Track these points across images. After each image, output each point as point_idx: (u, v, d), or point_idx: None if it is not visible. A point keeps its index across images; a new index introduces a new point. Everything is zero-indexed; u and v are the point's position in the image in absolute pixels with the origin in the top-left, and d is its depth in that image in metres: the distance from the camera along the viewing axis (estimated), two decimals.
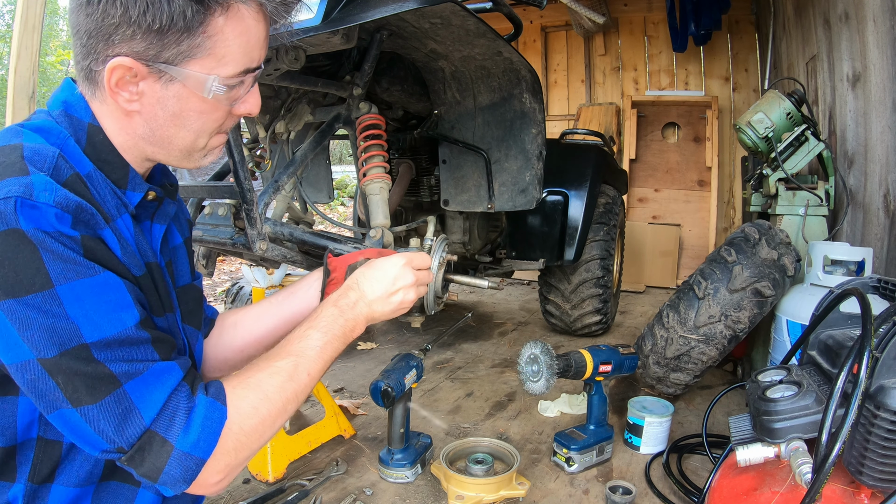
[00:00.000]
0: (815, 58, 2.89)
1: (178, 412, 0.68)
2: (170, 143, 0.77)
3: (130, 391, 0.65)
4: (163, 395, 0.68)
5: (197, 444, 0.68)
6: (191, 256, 0.99)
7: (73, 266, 0.62)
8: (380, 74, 1.80)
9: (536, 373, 1.48)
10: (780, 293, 1.79)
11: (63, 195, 0.63)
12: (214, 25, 0.69)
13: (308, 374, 0.82)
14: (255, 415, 0.74)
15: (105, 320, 0.64)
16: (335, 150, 12.09)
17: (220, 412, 0.71)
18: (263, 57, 0.78)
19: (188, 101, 0.73)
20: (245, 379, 0.77)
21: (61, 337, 0.62)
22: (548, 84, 5.41)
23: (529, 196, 2.02)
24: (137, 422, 0.66)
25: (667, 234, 4.58)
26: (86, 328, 0.63)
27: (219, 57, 0.71)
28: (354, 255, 1.10)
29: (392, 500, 1.46)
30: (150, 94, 0.71)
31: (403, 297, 0.96)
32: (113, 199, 0.74)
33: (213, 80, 0.71)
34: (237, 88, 0.76)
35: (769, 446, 0.97)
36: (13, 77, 2.55)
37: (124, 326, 0.66)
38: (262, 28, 0.74)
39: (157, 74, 0.70)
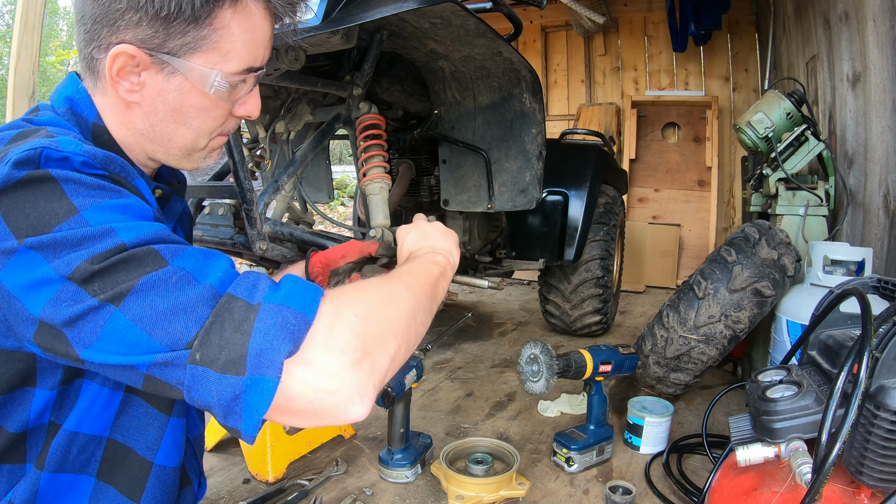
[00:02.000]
0: (815, 58, 2.89)
1: (261, 280, 0.57)
2: (169, 140, 0.75)
3: (182, 263, 0.55)
4: (222, 263, 0.58)
5: (290, 295, 0.55)
6: None
7: (97, 191, 0.58)
8: (380, 74, 1.80)
9: (536, 373, 1.48)
10: (780, 293, 1.79)
11: (90, 147, 0.62)
12: (222, 18, 0.68)
13: (407, 286, 0.71)
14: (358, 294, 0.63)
15: (140, 223, 0.58)
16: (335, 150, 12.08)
17: (315, 288, 0.59)
18: (267, 58, 0.76)
19: (189, 96, 0.72)
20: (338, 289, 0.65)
21: (94, 246, 0.53)
22: (548, 84, 5.41)
23: (529, 196, 2.02)
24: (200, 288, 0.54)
25: (667, 234, 4.58)
26: (120, 230, 0.55)
27: (223, 52, 0.70)
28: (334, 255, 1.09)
29: (392, 500, 1.46)
30: (151, 86, 0.70)
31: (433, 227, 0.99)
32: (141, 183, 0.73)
33: (215, 74, 0.70)
34: (239, 87, 0.75)
35: (769, 446, 0.97)
36: (13, 77, 2.55)
37: (161, 228, 0.59)
38: (268, 27, 0.73)
39: (160, 65, 0.68)
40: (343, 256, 1.10)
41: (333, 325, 0.55)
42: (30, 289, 0.54)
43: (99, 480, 0.73)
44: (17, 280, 0.54)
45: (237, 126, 0.82)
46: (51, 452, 0.68)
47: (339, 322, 0.56)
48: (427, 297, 0.75)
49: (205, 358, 0.52)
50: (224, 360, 0.51)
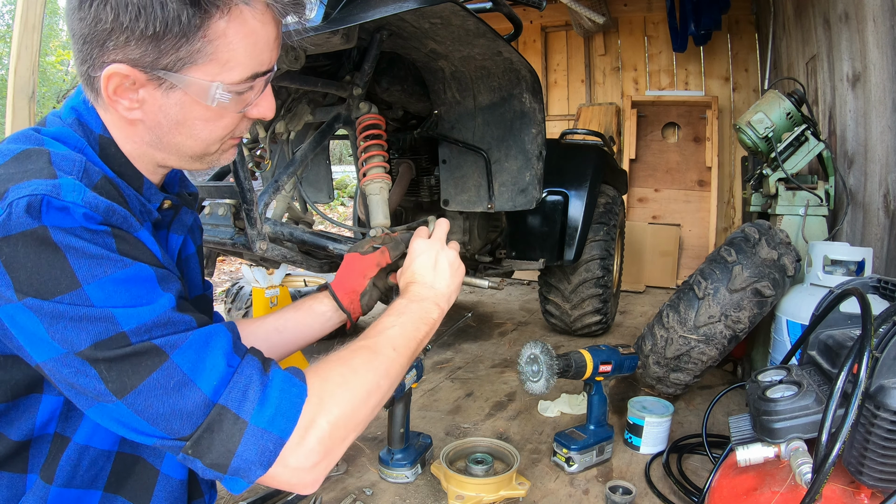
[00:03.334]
0: (815, 58, 2.89)
1: (252, 385, 0.62)
2: (178, 149, 0.73)
3: (179, 360, 0.59)
4: (219, 359, 0.61)
5: (274, 419, 0.61)
6: (202, 265, 0.97)
7: (99, 262, 0.58)
8: (380, 74, 1.80)
9: (536, 373, 1.48)
10: (780, 293, 1.79)
11: (92, 196, 0.60)
12: (215, 29, 0.64)
13: (393, 348, 0.79)
14: (343, 385, 0.69)
15: (140, 307, 0.59)
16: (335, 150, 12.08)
17: (300, 387, 0.65)
18: (275, 59, 0.73)
19: (192, 110, 0.69)
20: (324, 360, 0.73)
21: (95, 328, 0.57)
22: (548, 84, 5.41)
23: (529, 196, 2.02)
24: (195, 394, 0.59)
25: (667, 234, 4.58)
26: (121, 317, 0.58)
27: (222, 62, 0.66)
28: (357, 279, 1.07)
29: (392, 500, 1.46)
30: (151, 102, 0.68)
31: (446, 259, 0.98)
32: (137, 205, 0.72)
33: (216, 87, 0.67)
34: (247, 94, 0.71)
35: (769, 446, 0.97)
36: (13, 77, 2.55)
37: (161, 310, 0.60)
38: (271, 29, 0.69)
39: (157, 81, 0.66)
40: (365, 276, 1.09)
41: (306, 435, 0.63)
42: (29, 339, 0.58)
43: (107, 493, 0.73)
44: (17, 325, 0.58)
45: (248, 127, 0.81)
46: (60, 466, 0.68)
47: (311, 433, 0.64)
48: (408, 358, 0.82)
49: (196, 453, 0.60)
50: (210, 461, 0.60)
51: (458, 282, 0.99)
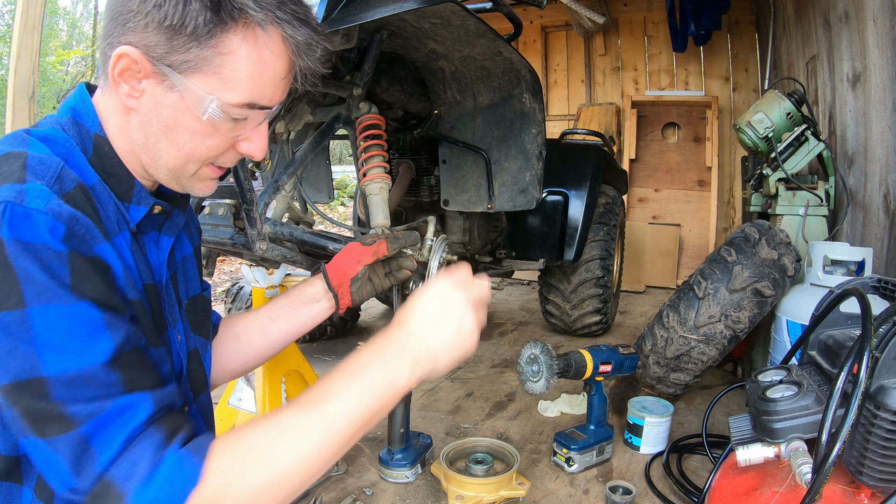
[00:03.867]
0: (815, 58, 2.89)
1: (142, 461, 0.59)
2: (158, 156, 0.72)
3: (87, 433, 0.58)
4: (123, 435, 0.59)
5: (156, 501, 0.58)
6: (200, 266, 0.97)
7: (49, 289, 0.57)
8: (380, 74, 1.80)
9: (536, 373, 1.48)
10: (780, 293, 1.79)
11: (57, 203, 0.59)
12: (228, 43, 0.65)
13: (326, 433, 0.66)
14: (252, 472, 0.62)
15: (70, 353, 0.58)
16: (335, 150, 12.08)
17: (193, 470, 0.60)
18: (279, 98, 0.72)
19: (183, 116, 0.69)
20: (247, 429, 0.65)
21: (19, 365, 0.57)
22: (548, 84, 5.41)
23: (529, 196, 2.02)
24: (92, 463, 0.58)
25: (667, 234, 4.58)
26: (46, 359, 0.57)
27: (225, 79, 0.67)
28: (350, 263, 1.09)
29: (392, 500, 1.46)
30: (149, 95, 0.69)
31: (460, 324, 0.75)
32: (115, 214, 0.71)
33: (210, 100, 0.67)
34: (240, 123, 0.71)
35: (769, 446, 0.97)
36: (13, 77, 2.55)
37: (90, 364, 0.59)
38: (282, 65, 0.69)
39: (160, 76, 0.67)
40: (359, 261, 1.09)
41: None
42: None
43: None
44: None
45: (237, 161, 0.78)
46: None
47: None
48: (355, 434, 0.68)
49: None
50: None
51: (458, 353, 0.75)
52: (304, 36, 0.69)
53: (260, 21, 0.66)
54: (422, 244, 1.45)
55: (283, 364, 1.71)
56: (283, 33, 0.68)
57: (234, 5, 0.64)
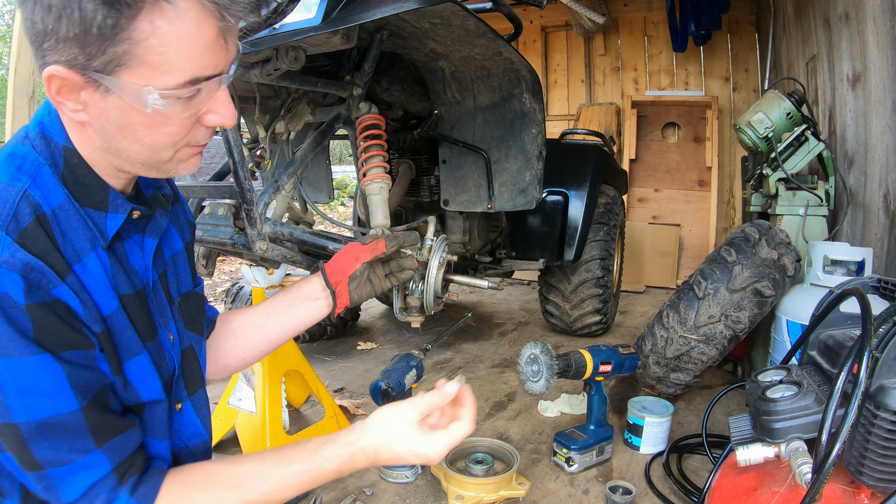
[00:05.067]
0: (815, 58, 2.89)
1: (97, 501, 0.69)
2: (126, 156, 0.71)
3: (53, 476, 0.67)
4: (83, 486, 0.68)
5: None
6: (192, 261, 0.96)
7: (12, 341, 0.61)
8: (380, 74, 1.80)
9: (536, 373, 1.48)
10: (780, 293, 1.79)
11: (10, 254, 0.61)
12: (139, 30, 0.60)
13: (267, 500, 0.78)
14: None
15: (37, 404, 0.63)
16: (335, 150, 12.08)
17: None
18: (224, 62, 0.68)
19: (131, 115, 0.66)
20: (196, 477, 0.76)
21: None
22: (548, 84, 5.41)
23: (529, 196, 2.02)
24: (57, 497, 0.68)
25: (667, 234, 4.58)
26: (15, 409, 0.63)
27: (154, 66, 0.62)
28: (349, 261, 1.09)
29: (392, 500, 1.46)
30: (93, 105, 0.66)
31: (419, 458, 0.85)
32: (86, 232, 0.71)
33: (149, 91, 0.63)
34: (194, 100, 0.67)
35: (769, 446, 0.97)
36: (13, 77, 2.55)
37: (58, 412, 0.65)
38: (209, 29, 0.63)
39: (94, 84, 0.63)
40: (357, 259, 1.09)
41: None
42: None
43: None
44: None
45: (210, 135, 0.75)
46: None
47: None
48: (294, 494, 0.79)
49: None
50: None
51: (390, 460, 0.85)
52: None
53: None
54: (422, 244, 1.45)
55: (283, 364, 1.71)
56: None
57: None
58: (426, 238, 1.46)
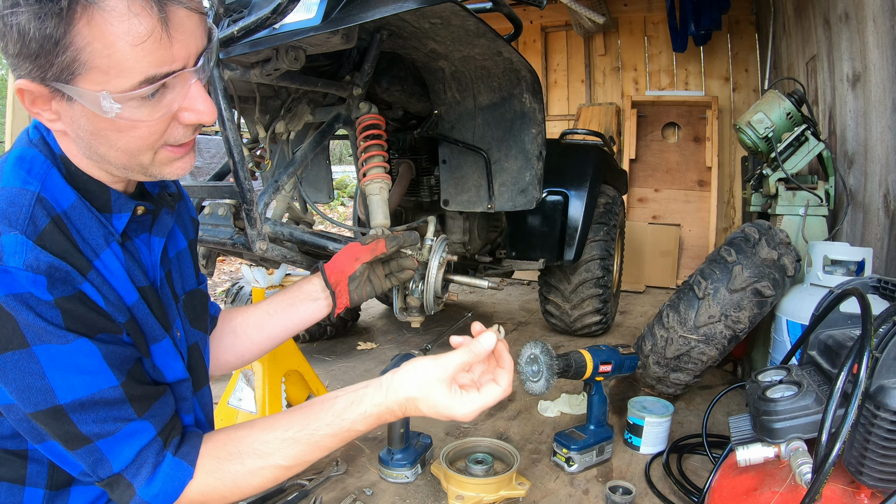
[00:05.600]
0: (815, 58, 2.89)
1: (146, 465, 0.72)
2: (107, 161, 0.70)
3: (102, 447, 0.69)
4: (132, 452, 0.71)
5: (157, 496, 0.72)
6: (195, 259, 0.97)
7: (45, 334, 0.63)
8: (380, 74, 1.80)
9: (536, 373, 1.48)
10: (780, 293, 1.79)
11: (34, 257, 0.62)
12: (80, 35, 0.59)
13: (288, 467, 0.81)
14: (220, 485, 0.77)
15: (79, 382, 0.66)
16: (335, 150, 12.07)
17: (186, 473, 0.74)
18: (183, 55, 0.64)
19: (97, 121, 0.65)
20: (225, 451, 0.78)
21: (36, 398, 0.64)
22: (548, 84, 5.41)
23: (529, 196, 2.02)
24: (107, 468, 0.71)
25: (667, 234, 4.58)
26: (59, 390, 0.65)
27: (104, 69, 0.61)
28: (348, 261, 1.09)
29: (392, 500, 1.46)
30: (64, 114, 0.66)
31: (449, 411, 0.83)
32: (100, 228, 0.71)
33: (104, 96, 0.61)
34: (161, 99, 0.65)
35: (769, 446, 0.97)
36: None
37: (99, 388, 0.67)
38: (148, 22, 0.60)
39: (59, 94, 0.63)
40: (357, 259, 1.10)
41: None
42: None
43: None
44: None
45: (191, 134, 0.73)
46: None
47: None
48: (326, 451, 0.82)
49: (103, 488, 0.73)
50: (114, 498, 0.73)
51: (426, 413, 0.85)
52: None
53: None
54: (422, 244, 1.45)
55: (283, 364, 1.71)
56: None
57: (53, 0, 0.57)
58: (426, 238, 1.46)
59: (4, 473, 0.73)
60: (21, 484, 0.73)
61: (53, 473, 0.74)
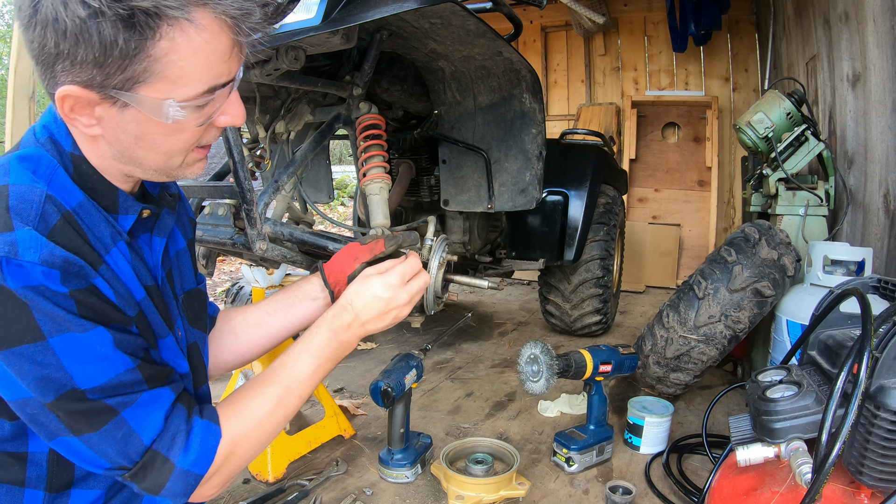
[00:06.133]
0: (815, 58, 2.89)
1: (179, 433, 0.73)
2: (139, 163, 0.73)
3: (128, 417, 0.69)
4: (159, 418, 0.72)
5: (196, 462, 0.74)
6: (194, 258, 0.98)
7: (62, 322, 0.63)
8: (380, 74, 1.80)
9: (536, 373, 1.48)
10: (780, 293, 1.79)
11: (49, 251, 0.62)
12: (159, 48, 0.62)
13: (299, 397, 0.88)
14: (246, 440, 0.81)
15: (97, 369, 0.66)
16: (335, 150, 12.07)
17: (216, 433, 0.77)
18: (236, 68, 0.71)
19: (148, 126, 0.68)
20: (238, 407, 0.82)
21: (56, 384, 0.64)
22: (548, 84, 5.41)
23: (529, 196, 2.02)
24: (137, 443, 0.70)
25: (667, 234, 4.58)
26: (79, 377, 0.65)
27: (173, 79, 0.65)
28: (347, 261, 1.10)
29: (392, 500, 1.46)
30: (108, 119, 0.67)
31: (398, 315, 0.99)
32: (107, 227, 0.72)
33: (169, 104, 0.65)
34: (208, 106, 0.70)
35: (769, 446, 0.97)
36: (13, 77, 2.55)
37: (116, 373, 0.68)
38: (224, 40, 0.66)
39: (111, 100, 0.65)
40: (356, 259, 1.10)
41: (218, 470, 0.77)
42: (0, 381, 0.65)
43: None
44: None
45: (219, 135, 0.79)
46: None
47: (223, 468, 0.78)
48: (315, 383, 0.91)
49: (133, 480, 0.72)
50: (144, 487, 0.73)
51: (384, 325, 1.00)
52: (235, 4, 0.65)
53: (181, 14, 0.62)
54: (422, 244, 1.45)
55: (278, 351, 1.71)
56: (212, 13, 0.64)
57: (147, 13, 0.60)
58: (426, 238, 1.46)
59: (4, 476, 0.72)
60: (21, 486, 0.72)
61: (53, 476, 0.74)
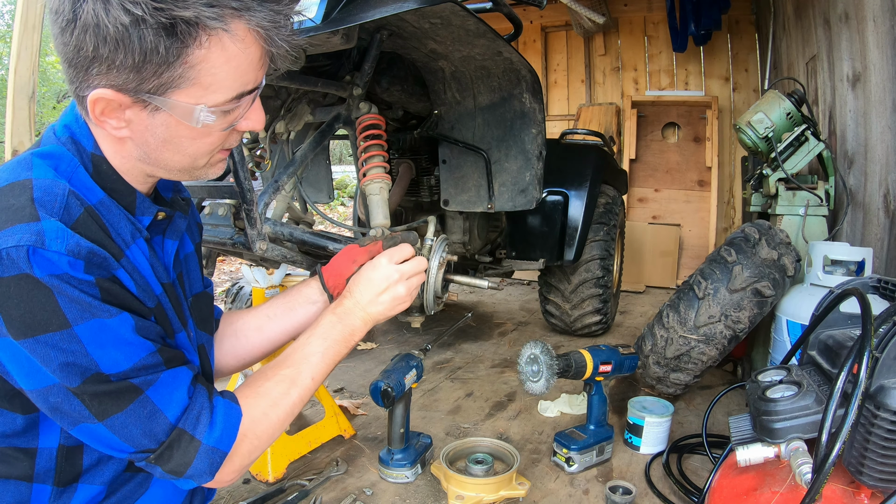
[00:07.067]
0: (815, 58, 2.89)
1: (204, 410, 0.75)
2: (164, 164, 0.76)
3: (152, 395, 0.70)
4: (183, 394, 0.73)
5: (221, 438, 0.75)
6: (201, 262, 0.99)
7: (87, 308, 0.64)
8: (380, 74, 1.80)
9: (536, 373, 1.48)
10: (780, 293, 1.79)
11: (75, 242, 0.64)
12: (195, 56, 0.65)
13: (312, 378, 0.89)
14: (265, 419, 0.82)
15: (121, 355, 0.68)
16: (335, 150, 12.07)
17: (237, 411, 0.79)
18: (262, 76, 0.74)
19: (177, 129, 0.71)
20: (255, 389, 0.84)
21: (81, 369, 0.65)
22: (548, 84, 5.41)
23: (529, 196, 2.02)
24: (163, 421, 0.71)
25: (667, 234, 4.58)
26: (103, 362, 0.66)
27: (205, 86, 0.68)
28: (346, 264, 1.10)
29: (392, 500, 1.46)
30: (137, 122, 0.69)
31: (394, 294, 1.01)
32: (127, 224, 0.75)
33: (200, 109, 0.69)
34: (234, 112, 0.73)
35: (769, 446, 0.97)
36: (13, 77, 2.55)
37: (139, 357, 0.69)
38: (255, 50, 0.69)
39: (143, 104, 0.67)
40: (354, 261, 1.10)
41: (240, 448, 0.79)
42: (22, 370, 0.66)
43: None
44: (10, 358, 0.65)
45: (241, 139, 0.82)
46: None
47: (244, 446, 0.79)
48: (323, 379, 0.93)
49: (157, 462, 0.73)
50: (169, 469, 0.73)
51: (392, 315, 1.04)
52: (268, 17, 0.68)
53: (219, 24, 0.64)
54: (422, 244, 1.45)
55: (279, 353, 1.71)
56: (246, 25, 0.67)
57: (188, 22, 0.63)
58: (426, 238, 1.46)
59: (13, 471, 0.72)
60: (29, 481, 0.73)
61: (61, 470, 0.74)
